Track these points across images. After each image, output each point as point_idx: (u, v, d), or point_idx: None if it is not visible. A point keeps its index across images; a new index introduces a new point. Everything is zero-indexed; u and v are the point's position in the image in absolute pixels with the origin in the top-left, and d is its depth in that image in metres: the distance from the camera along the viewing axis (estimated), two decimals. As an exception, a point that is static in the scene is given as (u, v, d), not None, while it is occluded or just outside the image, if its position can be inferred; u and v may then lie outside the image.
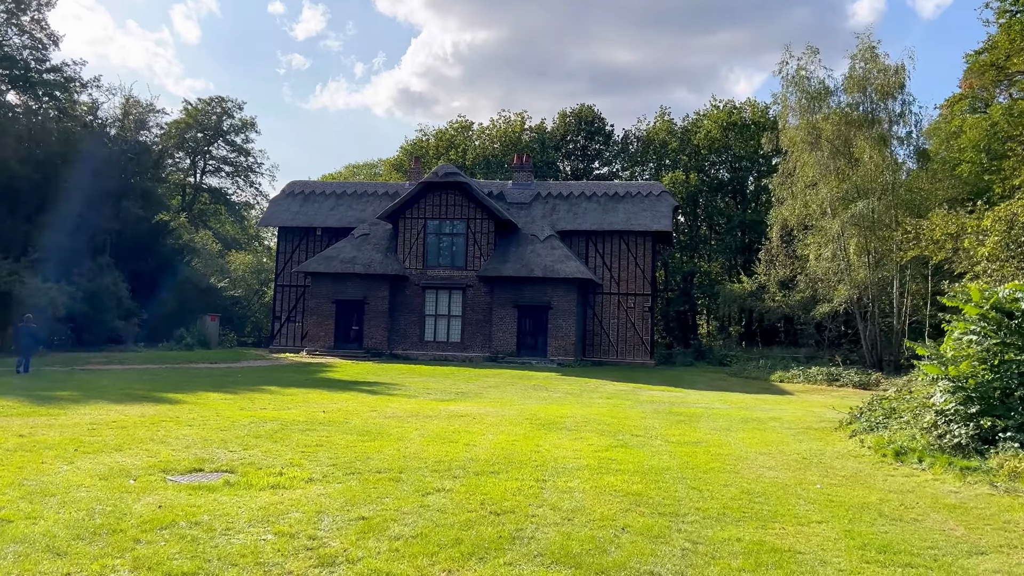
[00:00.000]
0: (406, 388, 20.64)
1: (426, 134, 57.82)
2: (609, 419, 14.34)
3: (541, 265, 34.42)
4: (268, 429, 11.75)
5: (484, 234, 35.72)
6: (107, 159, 33.67)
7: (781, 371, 27.42)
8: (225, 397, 16.76)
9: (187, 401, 15.71)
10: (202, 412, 13.83)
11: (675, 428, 13.24)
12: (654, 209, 37.08)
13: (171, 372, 23.61)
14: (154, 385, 18.99)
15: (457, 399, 18.22)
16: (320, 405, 15.78)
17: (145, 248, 38.01)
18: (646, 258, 36.54)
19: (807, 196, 29.56)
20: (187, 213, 56.22)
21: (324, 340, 35.68)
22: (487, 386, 21.98)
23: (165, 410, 14.02)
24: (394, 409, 15.24)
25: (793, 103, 30.01)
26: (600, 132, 53.77)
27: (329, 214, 39.73)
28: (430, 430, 12.18)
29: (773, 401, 20.21)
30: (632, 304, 36.49)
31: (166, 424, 12.00)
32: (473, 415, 14.55)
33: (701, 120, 49.31)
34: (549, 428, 12.83)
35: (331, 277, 35.72)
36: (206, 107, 62.76)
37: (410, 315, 35.76)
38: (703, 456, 10.25)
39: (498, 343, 34.47)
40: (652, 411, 16.19)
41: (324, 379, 23.00)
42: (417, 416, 14.13)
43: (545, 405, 17.16)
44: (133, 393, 16.85)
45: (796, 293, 30.31)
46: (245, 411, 14.31)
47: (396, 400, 17.37)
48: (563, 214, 37.65)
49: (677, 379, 27.17)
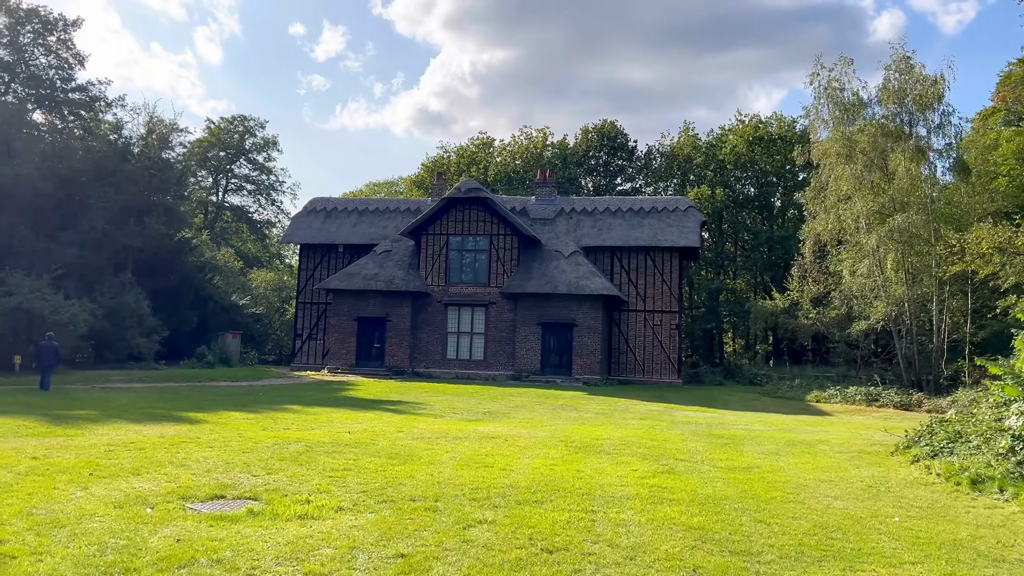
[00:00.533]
0: (431, 407, 20.01)
1: (447, 151, 57.56)
2: (648, 442, 13.61)
3: (566, 281, 33.77)
4: (292, 451, 11.15)
5: (507, 250, 35.14)
6: (130, 176, 33.52)
7: (817, 391, 26.47)
8: (247, 417, 16.21)
9: (208, 421, 15.17)
10: (223, 433, 13.27)
11: (720, 452, 12.49)
12: (681, 224, 36.35)
13: (192, 390, 23.15)
14: (175, 404, 18.50)
15: (485, 419, 17.55)
16: (345, 425, 15.18)
17: (167, 265, 37.78)
18: (673, 274, 35.78)
19: (840, 210, 28.71)
20: (209, 231, 56.24)
21: (345, 358, 35.17)
22: (514, 406, 21.29)
23: (185, 430, 13.48)
24: (421, 430, 14.60)
25: (826, 115, 29.25)
26: (623, 148, 53.20)
27: (351, 231, 39.37)
28: (462, 452, 11.52)
29: (814, 422, 19.35)
30: (659, 321, 35.69)
31: (186, 446, 11.44)
32: (504, 436, 13.87)
33: (726, 135, 48.60)
34: (587, 451, 12.12)
35: (353, 294, 35.26)
36: (228, 126, 63.07)
37: (432, 332, 35.18)
38: (759, 484, 9.50)
39: (522, 361, 33.78)
40: (691, 433, 15.43)
41: (347, 398, 22.43)
42: (446, 437, 13.48)
43: (578, 426, 16.45)
44: (153, 412, 16.35)
45: (831, 310, 29.38)
46: (268, 432, 13.74)
47: (422, 420, 16.73)
48: (587, 230, 37.01)
49: (709, 399, 26.32)
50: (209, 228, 58.02)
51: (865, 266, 27.68)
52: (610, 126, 53.30)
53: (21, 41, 38.76)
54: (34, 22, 38.80)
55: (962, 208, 26.78)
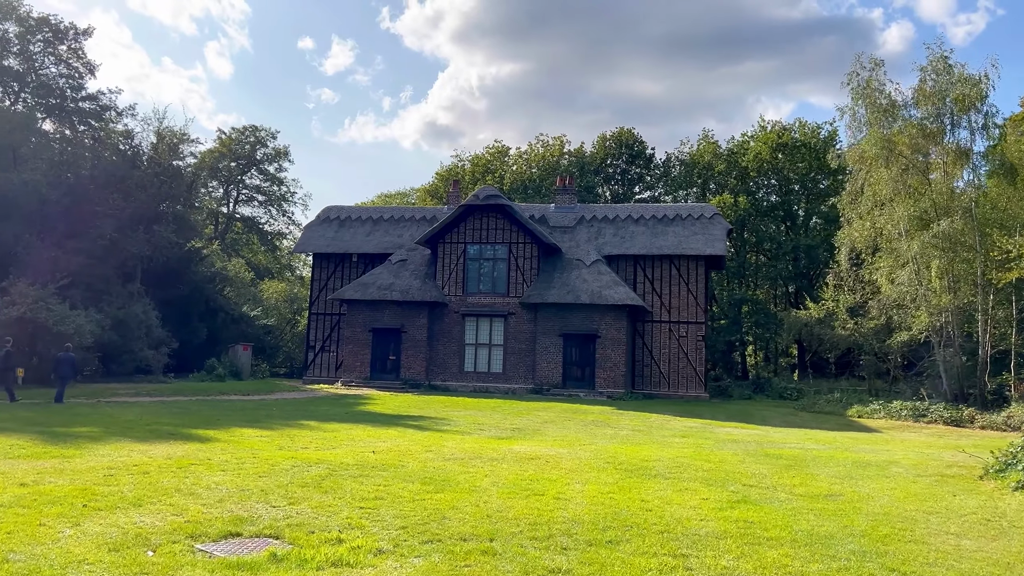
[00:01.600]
0: (455, 423, 18.77)
1: (461, 159, 56.57)
2: (703, 463, 12.33)
3: (588, 291, 32.53)
4: (314, 475, 9.94)
5: (527, 259, 33.97)
6: (139, 183, 32.51)
7: (858, 405, 25.05)
8: (261, 434, 15.01)
9: (219, 439, 13.98)
10: (236, 453, 12.08)
11: (788, 476, 11.20)
12: (706, 232, 35.10)
13: (202, 405, 21.98)
14: (183, 420, 17.32)
15: (515, 437, 16.30)
16: (367, 444, 13.96)
17: (176, 275, 36.75)
18: (699, 284, 34.50)
19: (878, 216, 27.41)
20: (220, 242, 55.28)
21: (360, 370, 33.99)
22: (541, 422, 20.03)
23: (194, 450, 12.29)
24: (452, 449, 13.36)
25: (863, 116, 27.98)
26: (640, 156, 52.06)
27: (365, 240, 38.28)
28: (503, 477, 10.28)
29: (867, 440, 17.99)
30: (684, 333, 34.38)
31: (195, 469, 10.24)
32: (544, 457, 12.62)
33: (747, 142, 47.38)
34: (641, 475, 10.86)
35: (367, 304, 34.13)
36: (240, 136, 62.22)
37: (449, 344, 33.97)
38: (857, 516, 8.22)
39: (542, 374, 32.51)
40: (744, 453, 14.13)
41: (365, 413, 21.21)
42: (480, 458, 12.24)
43: (619, 445, 15.17)
44: (160, 429, 15.16)
45: (869, 320, 28.00)
46: (285, 451, 12.54)
47: (450, 438, 15.49)
48: (609, 238, 35.80)
49: (744, 414, 24.97)
50: (220, 239, 57.06)
51: (905, 274, 26.34)
52: (628, 133, 52.18)
53: (31, 50, 38.00)
54: (45, 31, 38.04)
55: (1008, 213, 25.42)
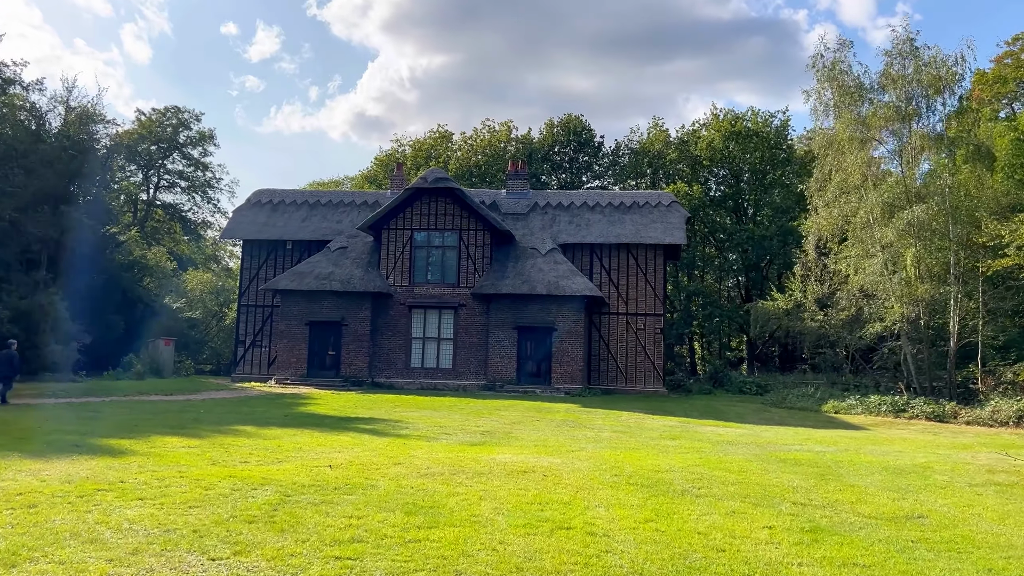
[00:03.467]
0: (414, 426, 16.56)
1: (401, 144, 53.91)
2: (723, 474, 10.51)
3: (544, 281, 30.61)
4: (263, 503, 7.65)
5: (479, 247, 31.82)
6: (45, 159, 28.92)
7: (834, 401, 23.84)
8: (189, 444, 12.50)
9: (137, 451, 11.45)
10: (158, 471, 9.64)
11: (830, 488, 9.47)
12: (665, 220, 33.64)
13: (117, 407, 19.10)
14: (93, 426, 14.59)
15: (489, 442, 14.22)
16: (320, 455, 11.66)
17: (89, 263, 33.09)
18: (657, 274, 32.99)
19: (846, 203, 26.34)
20: (139, 230, 51.20)
21: (296, 367, 31.25)
22: (509, 422, 17.99)
23: (104, 469, 9.78)
24: (424, 461, 11.20)
25: (829, 100, 26.89)
26: (589, 144, 50.46)
27: (301, 226, 35.45)
28: (503, 500, 8.20)
29: (867, 440, 16.59)
30: (642, 325, 32.83)
31: (103, 497, 7.81)
32: (537, 469, 10.59)
33: (700, 130, 46.30)
34: (665, 492, 8.94)
35: (304, 295, 31.40)
36: (161, 118, 57.96)
37: (395, 338, 31.55)
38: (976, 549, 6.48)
39: (495, 370, 30.45)
40: (756, 459, 12.40)
41: (307, 415, 18.76)
42: (463, 472, 10.12)
43: (611, 451, 13.25)
44: (61, 440, 12.48)
45: (839, 312, 26.97)
46: (220, 467, 10.15)
47: (415, 445, 13.29)
48: (564, 225, 33.96)
49: (715, 411, 23.47)
50: (139, 227, 52.91)
51: (878, 263, 25.32)
52: (576, 120, 50.51)
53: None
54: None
55: (982, 199, 24.62)
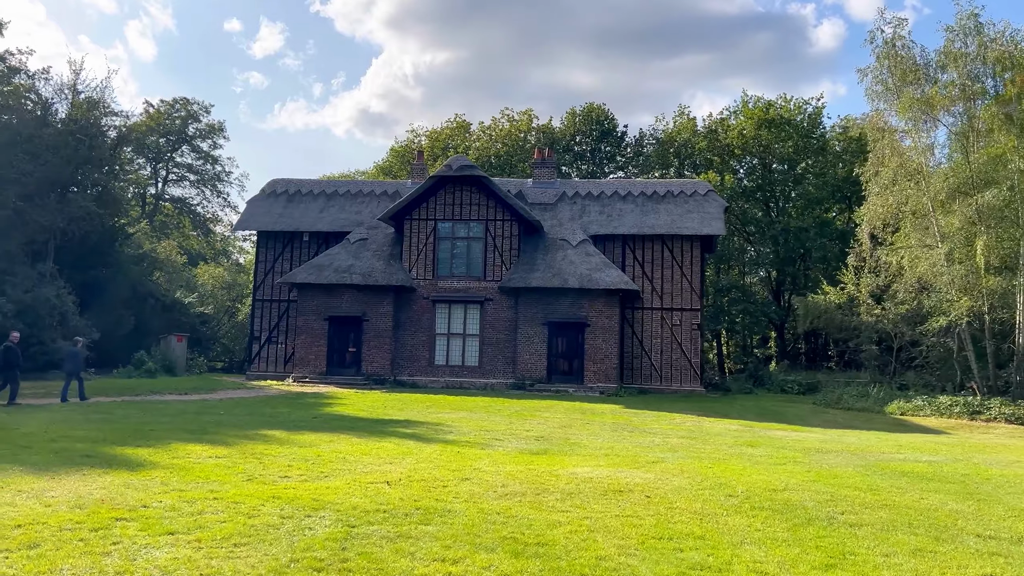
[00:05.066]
0: (458, 430, 14.95)
1: (417, 135, 52.22)
2: (856, 494, 8.87)
3: (576, 274, 28.97)
4: (325, 538, 6.04)
5: (506, 238, 30.19)
6: (51, 145, 27.35)
7: (899, 401, 22.10)
8: (216, 453, 10.90)
9: (157, 463, 9.85)
10: (187, 490, 8.04)
11: (997, 512, 7.83)
12: (702, 210, 31.93)
13: (130, 408, 17.55)
14: (104, 432, 13.00)
15: (551, 450, 12.59)
16: (368, 466, 10.05)
17: (98, 255, 31.63)
18: (693, 267, 31.32)
19: (903, 189, 24.63)
20: (148, 223, 49.71)
21: (314, 365, 29.70)
22: (558, 425, 16.38)
23: (121, 487, 8.18)
24: (493, 475, 9.58)
25: (887, 79, 25.15)
26: (611, 133, 48.75)
27: (318, 217, 33.84)
28: (620, 532, 6.59)
29: (963, 446, 14.91)
30: (678, 321, 31.16)
31: (122, 531, 6.21)
32: (634, 488, 8.96)
33: (729, 118, 44.50)
34: (814, 523, 7.32)
35: (323, 289, 29.85)
36: (169, 109, 56.49)
37: (418, 334, 29.96)
38: None
39: (524, 367, 28.84)
40: (876, 473, 10.76)
41: (337, 417, 17.16)
42: (548, 491, 8.50)
43: (696, 463, 11.61)
44: (70, 449, 10.89)
45: (897, 305, 25.24)
46: (258, 484, 8.54)
47: (471, 455, 11.67)
48: (594, 216, 32.29)
49: (771, 412, 21.80)
50: (148, 220, 51.43)
51: (939, 253, 23.60)
52: (598, 110, 48.80)
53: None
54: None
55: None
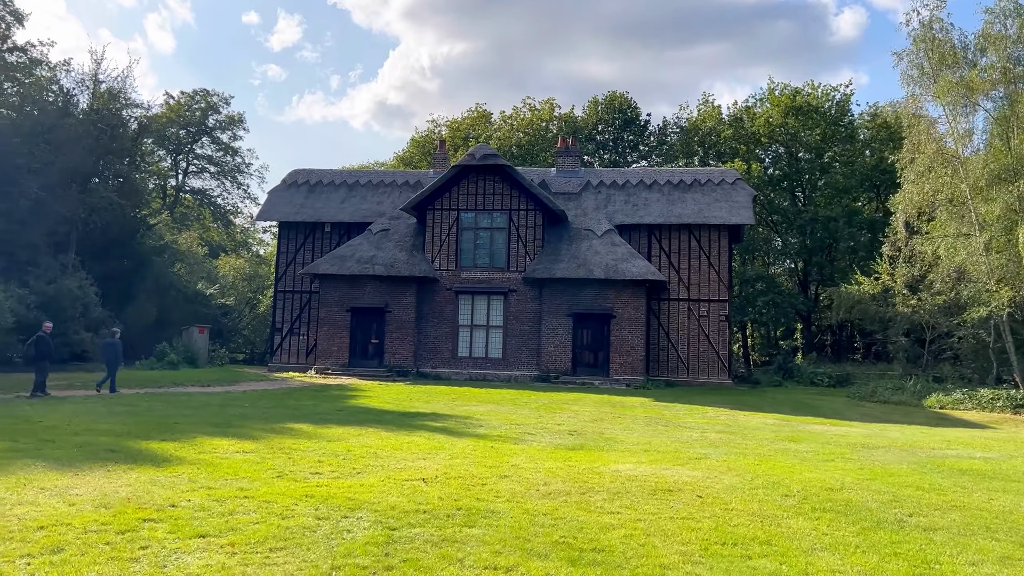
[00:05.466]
0: (487, 424, 14.53)
1: (437, 124, 51.79)
2: (916, 492, 8.35)
3: (602, 265, 28.46)
4: (366, 541, 5.64)
5: (530, 228, 29.72)
6: (72, 135, 27.15)
7: (938, 395, 21.44)
8: (243, 448, 10.54)
9: (184, 459, 9.50)
10: (215, 487, 7.68)
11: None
12: (730, 199, 31.26)
13: (153, 400, 17.30)
14: (128, 425, 12.71)
15: (587, 445, 12.14)
16: (401, 462, 9.65)
17: (119, 246, 31.50)
18: (721, 257, 30.67)
19: (940, 176, 23.86)
20: (169, 214, 49.68)
21: (337, 356, 29.43)
22: (589, 419, 15.92)
23: (148, 484, 7.84)
24: (532, 472, 9.14)
25: (923, 62, 24.37)
26: (634, 122, 48.05)
27: (340, 207, 33.52)
28: (679, 537, 6.14)
29: (1015, 442, 14.29)
30: (705, 312, 30.56)
31: (153, 533, 5.84)
32: (684, 488, 8.50)
33: (755, 106, 43.65)
34: (883, 525, 6.84)
35: (345, 280, 29.54)
36: (189, 101, 56.35)
37: (441, 326, 29.59)
38: None
39: (549, 359, 28.39)
40: (920, 468, 10.23)
41: (363, 409, 16.80)
42: (593, 490, 8.06)
43: (742, 459, 11.12)
44: (94, 443, 10.58)
45: (934, 296, 24.51)
46: (289, 481, 8.16)
47: (505, 450, 11.25)
48: (620, 205, 31.70)
49: (805, 406, 21.21)
50: (169, 212, 51.42)
51: (979, 242, 22.85)
52: (621, 98, 48.09)
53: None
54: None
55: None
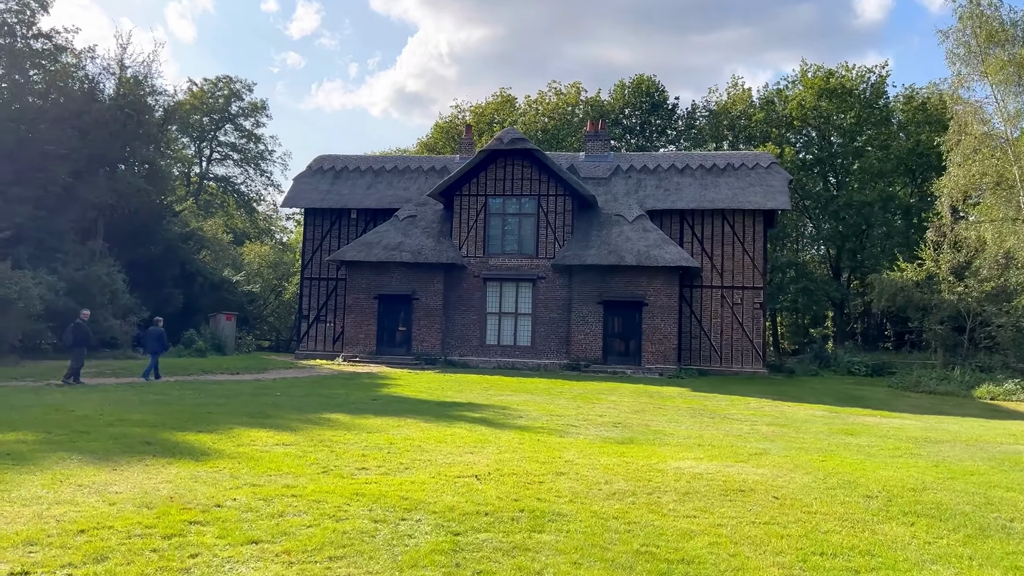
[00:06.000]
0: (527, 415, 14.05)
1: (461, 110, 51.20)
2: (1006, 494, 7.76)
3: (633, 251, 27.86)
4: (431, 549, 5.17)
5: (559, 214, 29.15)
6: (99, 120, 26.88)
7: (989, 385, 20.69)
8: (282, 440, 10.14)
9: (223, 452, 9.10)
10: (260, 484, 7.26)
11: None
12: (765, 183, 30.46)
13: (184, 389, 17.00)
14: (162, 415, 12.37)
15: (637, 439, 11.64)
16: (448, 456, 9.19)
17: (146, 233, 31.31)
18: (756, 243, 29.94)
19: (987, 157, 22.99)
20: (194, 202, 49.57)
21: (364, 344, 29.12)
22: (631, 411, 15.41)
23: (189, 480, 7.43)
24: (588, 469, 8.65)
25: (970, 40, 23.46)
26: (661, 106, 47.17)
27: (366, 193, 33.12)
28: (774, 547, 5.63)
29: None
30: (739, 300, 29.89)
31: (201, 538, 5.41)
32: (756, 488, 7.97)
33: (786, 89, 42.62)
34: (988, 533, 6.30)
35: (372, 267, 29.20)
36: (213, 88, 56.13)
37: (468, 313, 29.18)
38: None
39: (579, 348, 27.89)
40: (999, 465, 9.63)
41: (397, 399, 16.39)
42: (660, 490, 7.57)
43: (803, 454, 10.56)
44: (129, 434, 10.21)
45: (981, 283, 23.68)
46: (335, 477, 7.73)
47: (552, 443, 10.76)
48: (651, 190, 31.02)
49: (850, 397, 20.55)
50: (193, 200, 51.31)
51: (1031, 226, 22.01)
52: (648, 82, 47.21)
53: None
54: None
55: None
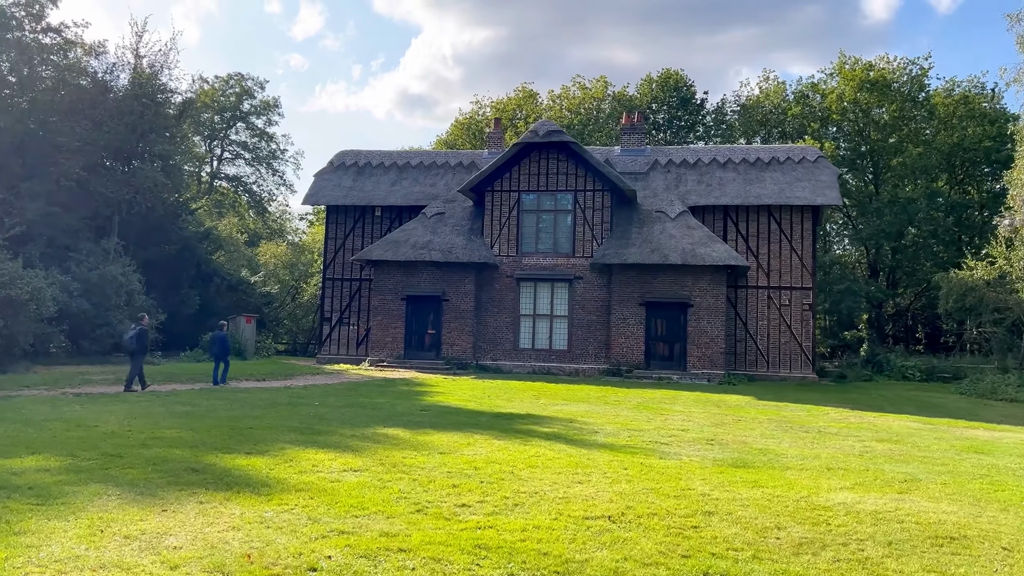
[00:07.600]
0: (601, 430, 12.49)
1: (481, 105, 49.70)
2: None
3: (677, 249, 26.30)
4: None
5: (597, 210, 27.64)
6: (113, 112, 25.45)
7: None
8: (347, 464, 8.58)
9: (285, 482, 7.55)
10: (349, 533, 5.72)
11: None
12: (813, 178, 28.90)
13: (212, 398, 15.46)
14: (199, 431, 10.81)
15: (752, 463, 10.08)
16: (552, 486, 7.64)
17: (161, 231, 29.85)
18: (804, 241, 28.39)
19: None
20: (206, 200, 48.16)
21: (391, 347, 27.63)
22: (710, 423, 13.86)
23: (260, 530, 5.89)
24: (744, 506, 7.11)
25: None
26: (690, 101, 45.61)
27: (390, 190, 31.62)
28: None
29: None
30: (787, 300, 28.33)
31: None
32: (970, 535, 6.42)
33: (824, 81, 41.01)
34: None
35: (400, 267, 27.71)
36: (224, 86, 54.74)
37: (501, 315, 27.66)
38: None
39: (619, 352, 26.34)
40: None
41: (446, 409, 14.83)
42: (856, 538, 6.03)
43: (970, 481, 8.99)
44: (168, 456, 8.66)
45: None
46: (436, 519, 6.18)
47: (661, 467, 9.20)
48: (692, 185, 29.47)
49: (928, 405, 18.97)
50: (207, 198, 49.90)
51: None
52: (676, 76, 45.67)
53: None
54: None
55: None
